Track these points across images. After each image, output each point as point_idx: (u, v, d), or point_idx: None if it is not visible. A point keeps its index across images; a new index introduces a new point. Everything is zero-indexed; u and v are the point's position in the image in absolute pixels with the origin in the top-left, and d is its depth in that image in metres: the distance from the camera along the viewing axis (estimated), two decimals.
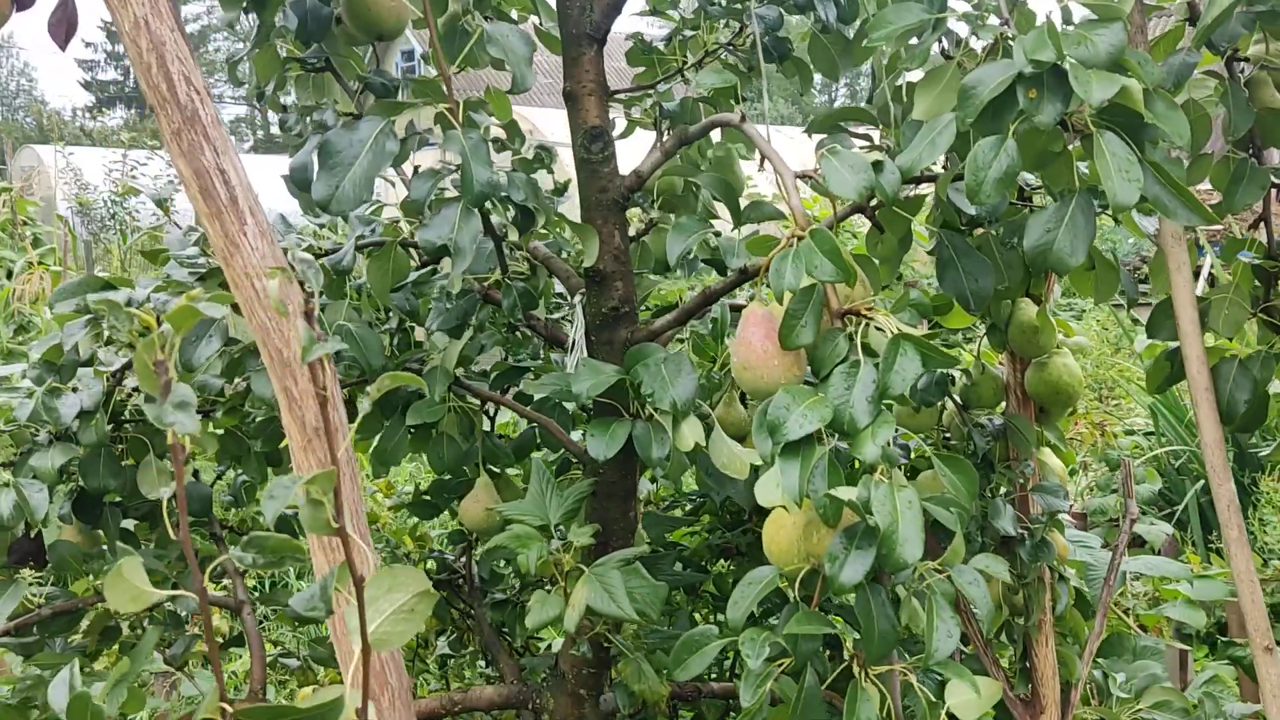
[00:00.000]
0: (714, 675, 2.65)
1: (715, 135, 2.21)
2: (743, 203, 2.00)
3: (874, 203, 1.90)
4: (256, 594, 2.40)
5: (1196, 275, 1.90)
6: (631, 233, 2.28)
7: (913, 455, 2.41)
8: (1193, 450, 6.89)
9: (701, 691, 2.33)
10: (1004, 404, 2.37)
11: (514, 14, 2.20)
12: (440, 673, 3.14)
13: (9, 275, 8.05)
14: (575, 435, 2.43)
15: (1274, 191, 1.85)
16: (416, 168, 1.91)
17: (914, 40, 1.62)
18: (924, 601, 1.51)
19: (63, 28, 1.62)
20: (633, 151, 2.14)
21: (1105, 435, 6.04)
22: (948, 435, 2.44)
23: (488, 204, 1.66)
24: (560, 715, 2.13)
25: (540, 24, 2.22)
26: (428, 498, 2.51)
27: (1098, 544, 3.45)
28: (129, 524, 2.31)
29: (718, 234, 1.89)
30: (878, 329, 1.53)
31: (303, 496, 1.14)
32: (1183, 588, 4.23)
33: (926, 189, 2.12)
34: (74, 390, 2.02)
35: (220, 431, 2.31)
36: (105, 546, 2.26)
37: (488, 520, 2.22)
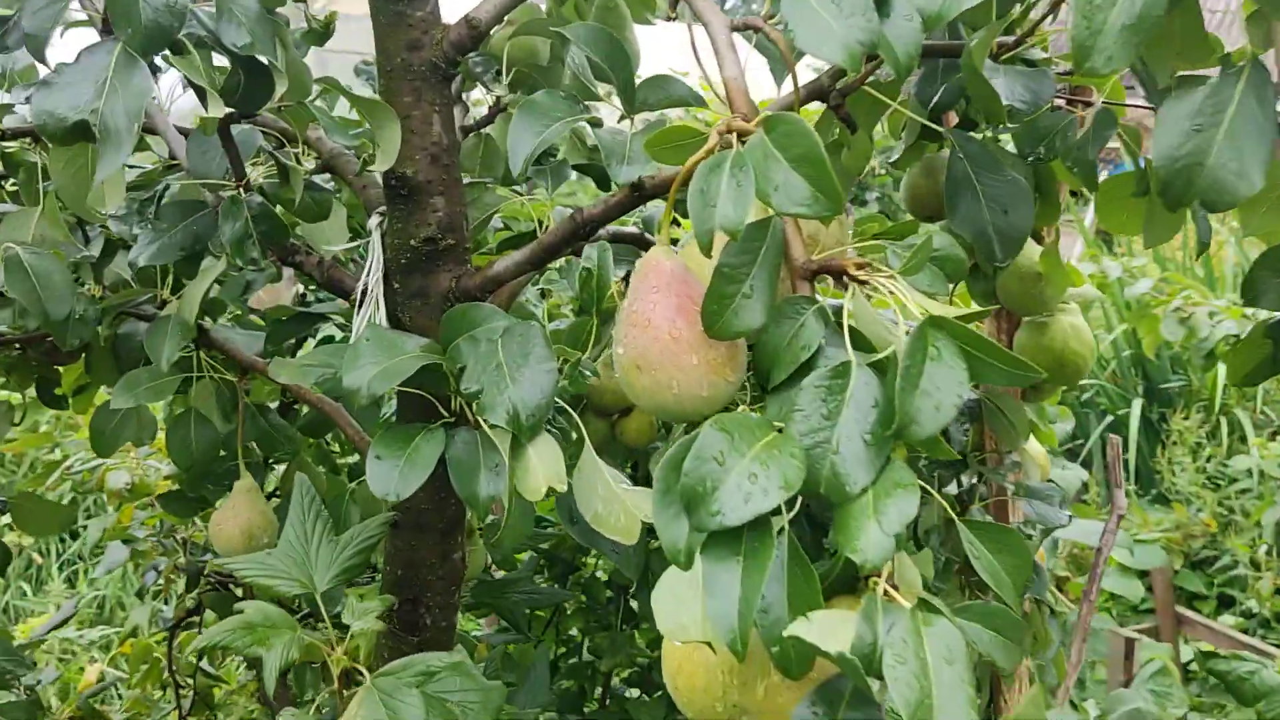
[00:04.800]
0: None
1: None
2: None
3: (843, 82, 1.20)
4: None
5: None
6: (468, 120, 1.54)
7: None
8: (1101, 384, 6.48)
9: None
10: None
11: None
12: None
13: None
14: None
15: None
16: None
17: None
18: None
19: None
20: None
21: None
22: None
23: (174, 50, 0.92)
24: None
25: None
26: (178, 488, 1.77)
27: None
28: None
29: (598, 123, 1.16)
30: (886, 303, 0.84)
31: None
32: (1117, 554, 3.75)
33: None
34: None
35: None
36: None
37: (249, 546, 1.50)
